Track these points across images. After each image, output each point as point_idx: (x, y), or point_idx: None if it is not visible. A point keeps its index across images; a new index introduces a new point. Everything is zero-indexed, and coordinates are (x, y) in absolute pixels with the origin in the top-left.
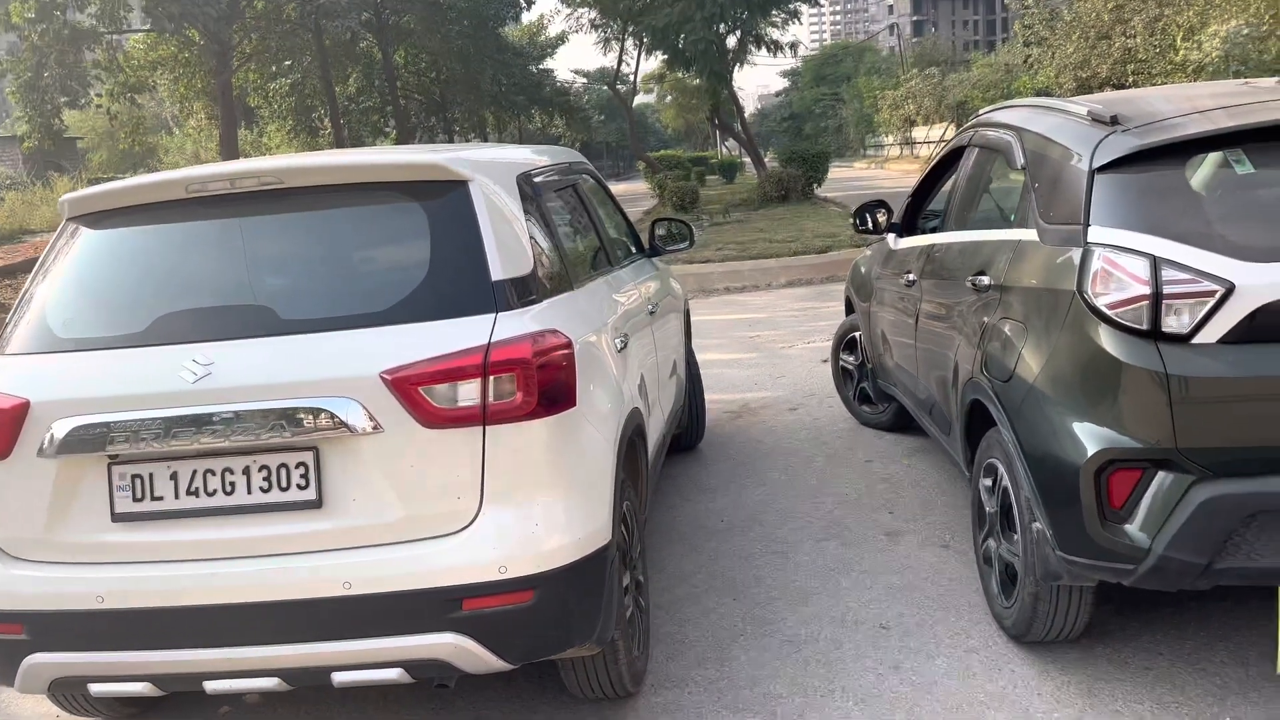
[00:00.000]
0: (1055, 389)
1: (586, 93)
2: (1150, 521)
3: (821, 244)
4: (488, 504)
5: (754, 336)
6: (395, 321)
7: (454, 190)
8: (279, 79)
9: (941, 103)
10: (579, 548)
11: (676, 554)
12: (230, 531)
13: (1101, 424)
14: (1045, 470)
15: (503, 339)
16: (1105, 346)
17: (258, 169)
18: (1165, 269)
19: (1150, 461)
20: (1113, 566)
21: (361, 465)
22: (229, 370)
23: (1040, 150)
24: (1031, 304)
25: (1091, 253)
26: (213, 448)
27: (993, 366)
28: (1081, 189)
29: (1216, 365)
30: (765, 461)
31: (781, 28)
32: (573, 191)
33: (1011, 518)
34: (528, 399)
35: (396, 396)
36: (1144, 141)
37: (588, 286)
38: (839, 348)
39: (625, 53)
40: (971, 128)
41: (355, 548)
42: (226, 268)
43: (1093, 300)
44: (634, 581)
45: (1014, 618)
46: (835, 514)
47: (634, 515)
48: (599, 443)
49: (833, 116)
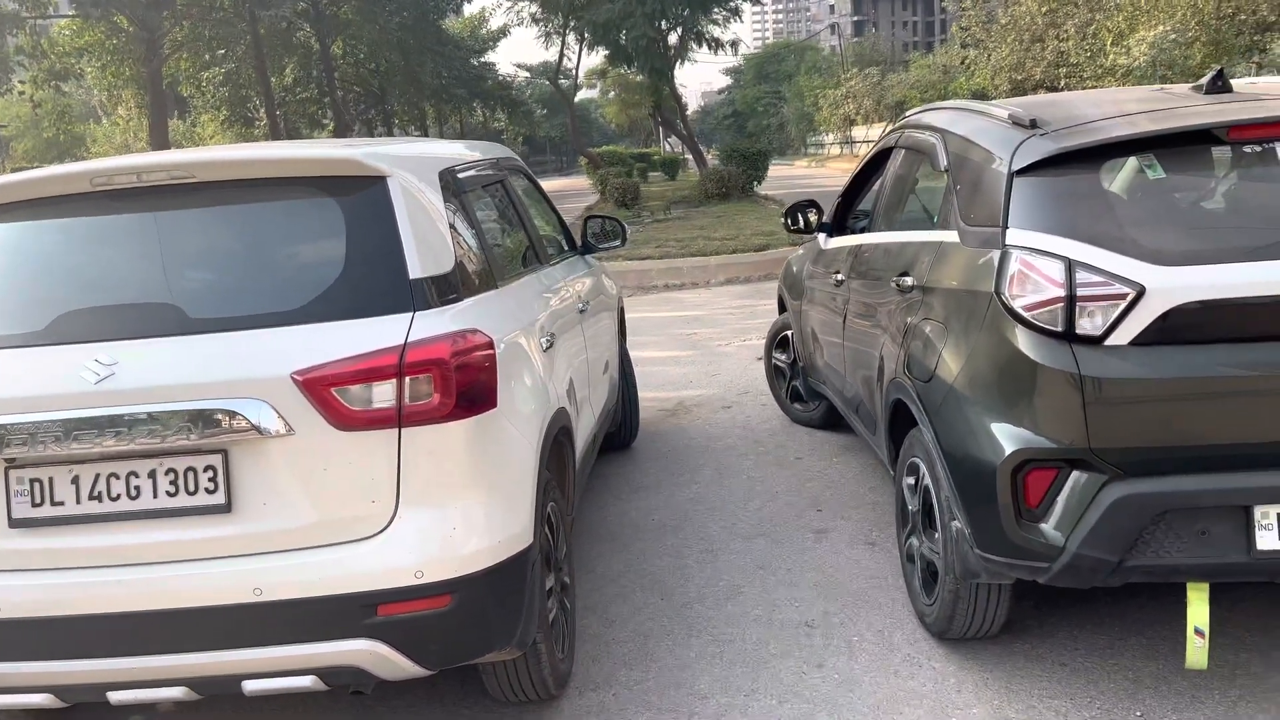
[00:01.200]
0: (973, 389)
1: (529, 87)
2: (1065, 520)
3: (760, 242)
4: (404, 507)
5: (691, 334)
6: (308, 320)
7: (371, 186)
8: (212, 68)
9: (880, 103)
10: (498, 551)
11: (605, 553)
12: (135, 537)
13: (1018, 424)
14: (964, 469)
15: (420, 339)
16: (1021, 347)
17: (167, 162)
18: (1079, 271)
19: (1065, 461)
20: (1029, 564)
21: (272, 468)
22: (133, 371)
23: (962, 153)
24: (952, 305)
25: (1009, 255)
26: (117, 451)
27: (914, 367)
28: (1001, 191)
29: (1128, 366)
30: (698, 459)
31: (723, 25)
32: (500, 188)
33: (933, 516)
34: (445, 400)
35: (308, 398)
36: (1060, 145)
37: (514, 285)
38: (772, 346)
39: (567, 47)
40: (899, 129)
41: (266, 553)
42: (133, 264)
43: (1009, 302)
44: (559, 583)
45: (935, 615)
46: (765, 511)
47: (559, 516)
48: (520, 444)
49: (774, 115)
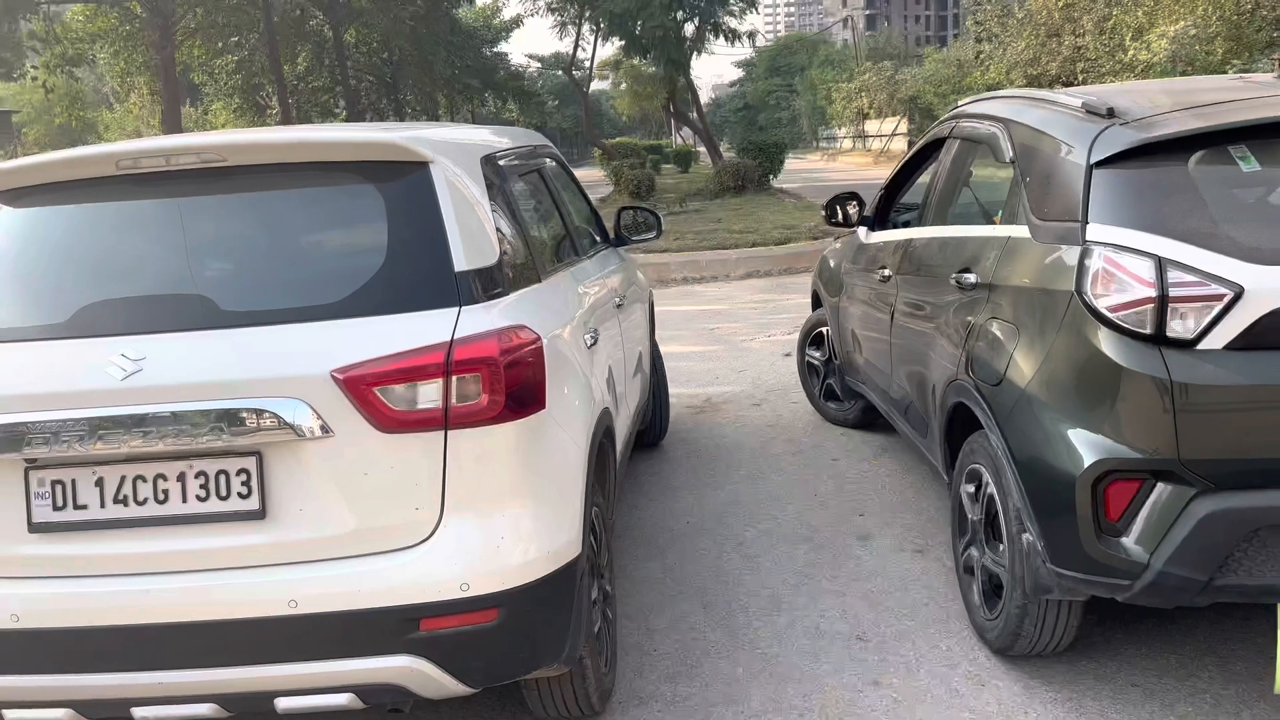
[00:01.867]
0: (1050, 394)
1: (541, 78)
2: (1148, 535)
3: (780, 236)
4: (449, 515)
5: (714, 329)
6: (348, 315)
7: (414, 173)
8: (225, 55)
9: (894, 97)
10: (548, 562)
11: (641, 558)
12: (163, 544)
13: (1099, 432)
14: (1038, 479)
15: (467, 335)
16: (1105, 350)
17: (198, 144)
18: (1171, 270)
19: (1150, 473)
20: (1108, 581)
21: (310, 472)
22: (162, 366)
23: (1031, 143)
24: (1024, 304)
25: (1091, 251)
26: (144, 452)
27: (980, 368)
28: (1079, 184)
29: (1223, 372)
30: (730, 459)
31: (739, 17)
32: (538, 176)
33: (997, 527)
34: (494, 401)
35: (349, 397)
36: (1145, 135)
37: (555, 278)
38: (805, 343)
39: (582, 38)
40: (952, 119)
41: (302, 562)
42: (161, 253)
43: (1092, 302)
44: (601, 592)
45: (998, 631)
46: (804, 516)
47: (602, 522)
48: (569, 447)
49: (786, 108)
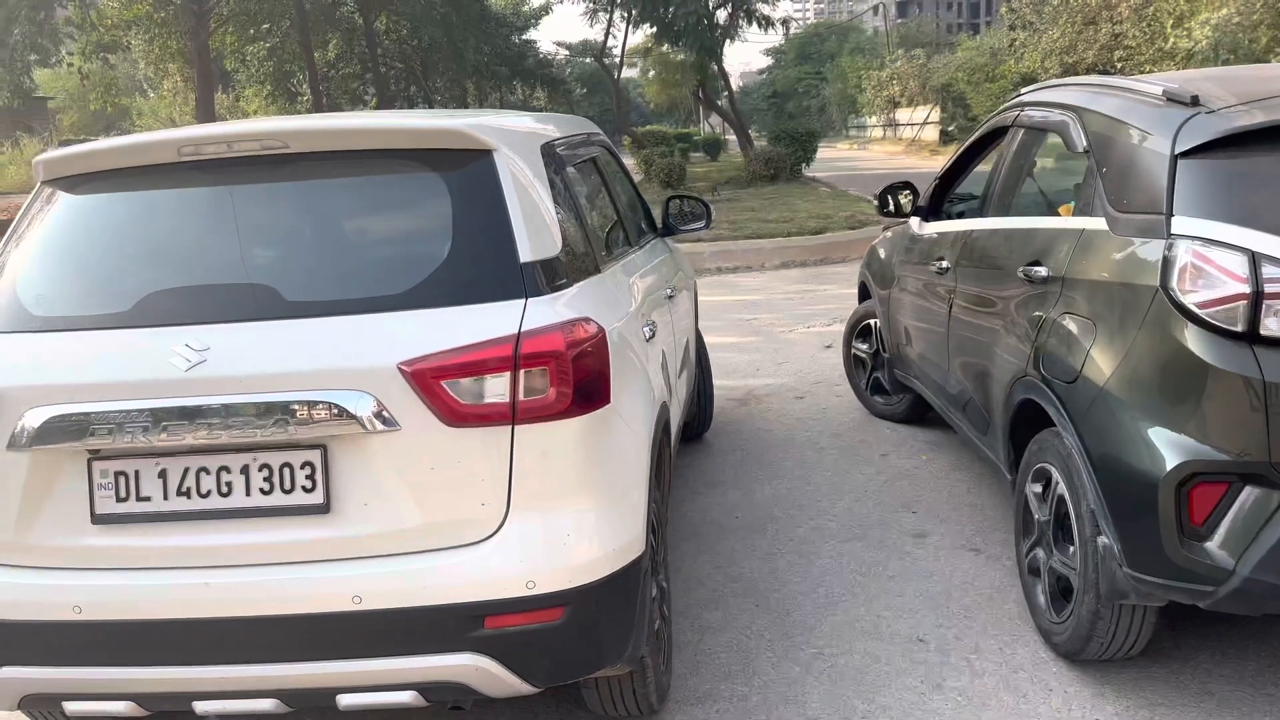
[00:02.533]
0: (1131, 393)
1: (569, 66)
2: (1235, 541)
3: (816, 225)
4: (515, 512)
5: (752, 320)
6: (413, 306)
7: (478, 161)
8: (257, 42)
9: (926, 85)
10: (613, 560)
11: (690, 553)
12: (226, 537)
13: (1184, 433)
14: (1117, 481)
15: (534, 328)
16: (1192, 348)
17: (259, 130)
18: (1266, 265)
19: (1238, 475)
20: (1190, 587)
21: (375, 466)
22: (226, 357)
23: (1107, 132)
24: (1101, 299)
25: (1178, 245)
26: (207, 444)
27: (1052, 365)
28: (1162, 175)
29: None
30: (776, 453)
31: (772, 3)
32: (591, 165)
33: (1067, 528)
34: (562, 395)
35: (416, 390)
36: (1234, 124)
37: (612, 269)
38: (851, 335)
39: (613, 25)
40: (1014, 107)
41: (366, 558)
42: (223, 242)
43: (1180, 298)
44: (659, 590)
45: (1067, 634)
46: (856, 512)
47: (660, 518)
48: (633, 443)
49: (816, 96)
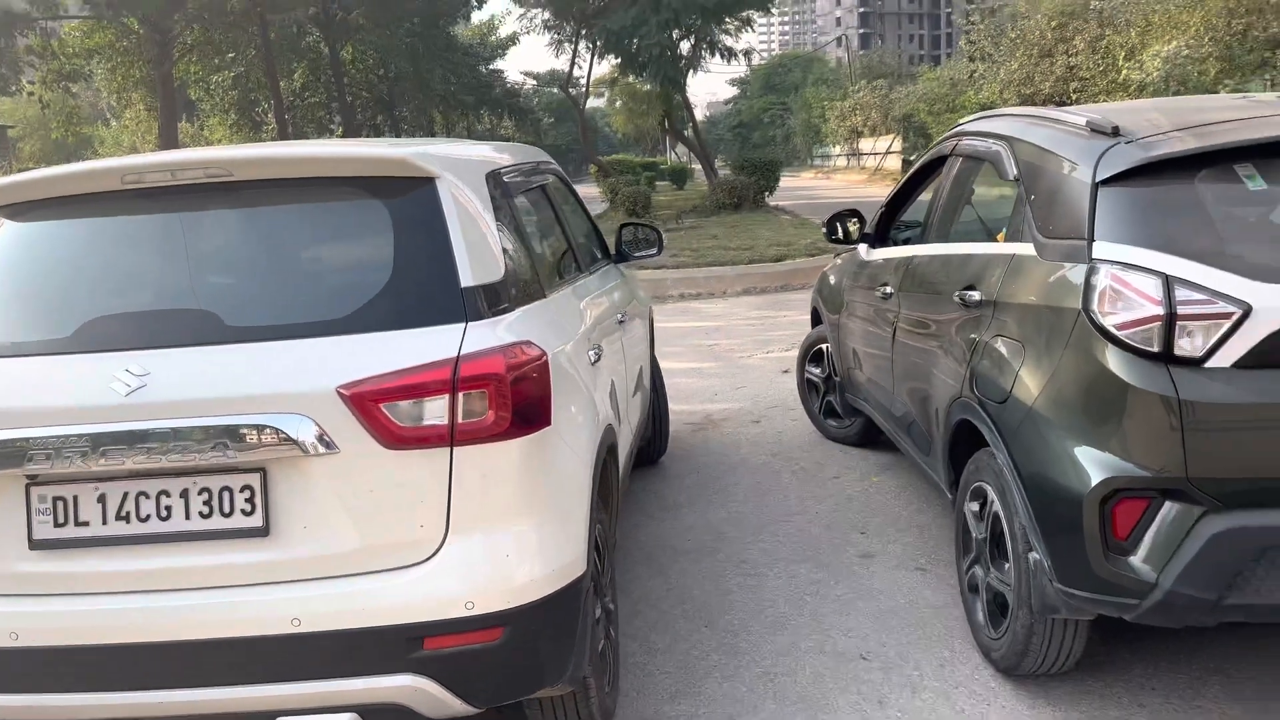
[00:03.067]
0: (1057, 412)
1: (536, 95)
2: (1156, 555)
3: (776, 253)
4: (454, 533)
5: (712, 345)
6: (354, 331)
7: (421, 188)
8: (222, 71)
9: (888, 115)
10: (553, 580)
11: (642, 576)
12: (165, 561)
13: (1107, 450)
14: (1045, 497)
15: (473, 351)
16: (1112, 368)
17: (203, 159)
18: (1179, 288)
19: (1158, 491)
20: (1115, 601)
21: (314, 489)
22: (167, 382)
23: (1035, 161)
24: (1030, 322)
25: (1098, 269)
26: (147, 468)
27: (985, 386)
28: (1084, 202)
29: (1231, 391)
30: (731, 477)
31: (735, 35)
32: (541, 192)
33: (1003, 545)
34: (501, 417)
35: (355, 413)
36: (1150, 154)
37: (559, 294)
38: (805, 360)
39: (578, 55)
40: (954, 137)
41: (305, 580)
42: (166, 268)
43: (1099, 319)
44: (604, 611)
45: (1004, 650)
46: (806, 533)
47: (605, 540)
48: (574, 464)
49: (781, 126)
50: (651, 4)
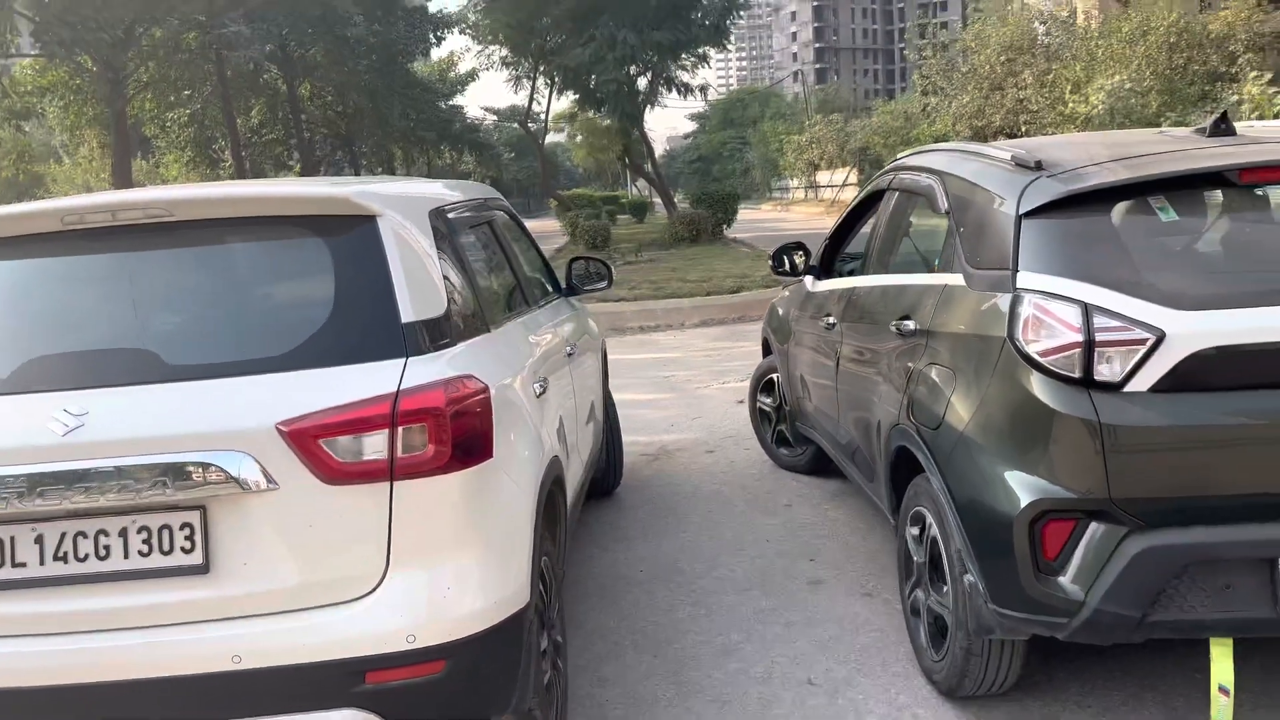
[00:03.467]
0: (986, 437)
1: (497, 130)
2: (1084, 574)
3: (733, 284)
4: (395, 567)
5: (668, 377)
6: (293, 367)
7: (361, 226)
8: (178, 109)
9: (844, 148)
10: (495, 612)
11: (594, 608)
12: (105, 601)
13: (1034, 473)
14: (977, 520)
15: (413, 386)
16: (1037, 394)
17: (143, 200)
18: (1096, 316)
19: (1084, 512)
20: (1047, 620)
21: (254, 526)
22: (105, 421)
23: (964, 194)
24: (960, 350)
25: (1021, 298)
26: (85, 508)
27: (920, 413)
28: (1009, 234)
29: (1148, 414)
30: (685, 506)
31: (691, 71)
32: (488, 228)
33: (941, 569)
34: (440, 451)
35: (294, 450)
36: (1070, 187)
37: (505, 328)
38: (756, 389)
39: (537, 91)
40: (891, 171)
41: (246, 617)
42: (106, 308)
43: (1024, 347)
44: (552, 643)
45: (945, 672)
46: (758, 562)
47: (552, 572)
48: (517, 496)
49: (739, 159)
50: (608, 41)
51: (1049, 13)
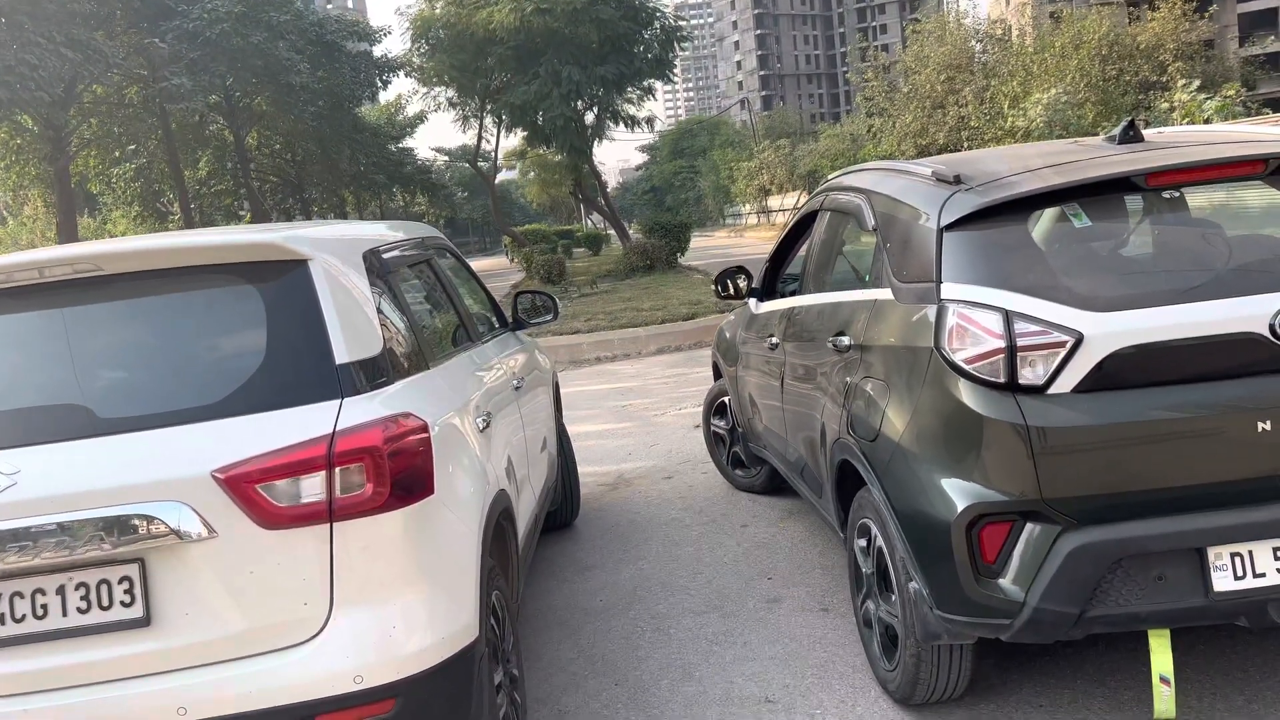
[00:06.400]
0: (921, 445)
1: (449, 170)
2: (1022, 574)
3: (688, 311)
4: (339, 608)
5: (626, 405)
6: (228, 414)
7: (292, 270)
8: (123, 164)
9: (794, 172)
10: (443, 648)
11: (554, 640)
12: (44, 661)
13: (969, 478)
14: (917, 528)
15: (349, 426)
16: (965, 401)
17: (71, 255)
18: (1017, 321)
19: (1018, 513)
20: (990, 622)
21: (194, 575)
22: (37, 478)
23: (889, 211)
24: (892, 362)
25: (946, 309)
26: (20, 567)
27: (858, 426)
28: (931, 247)
29: (1072, 414)
30: (643, 534)
31: (637, 104)
32: (427, 267)
33: (888, 578)
34: (379, 490)
35: (231, 496)
36: (987, 199)
37: (446, 365)
38: (709, 413)
39: (485, 130)
40: (823, 192)
41: (191, 668)
42: (36, 365)
43: (950, 355)
44: (508, 676)
45: (898, 681)
46: (715, 584)
47: (504, 605)
48: (461, 532)
49: (691, 188)
50: (552, 77)
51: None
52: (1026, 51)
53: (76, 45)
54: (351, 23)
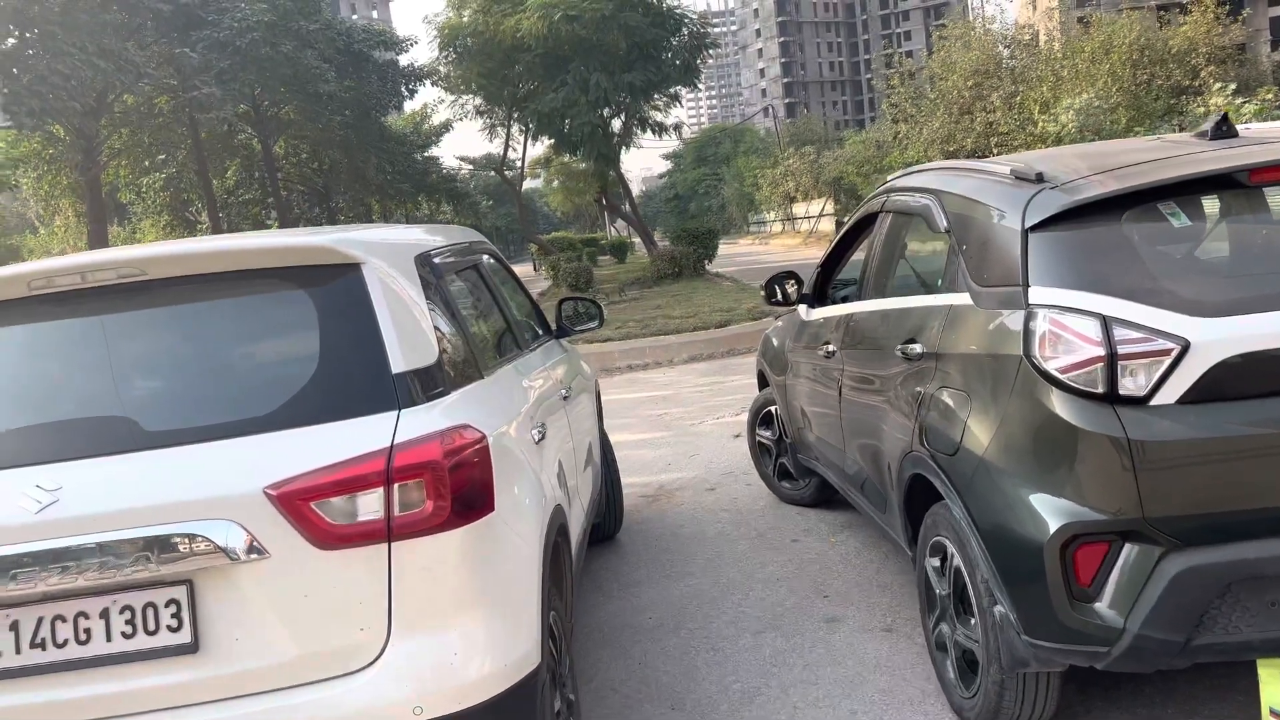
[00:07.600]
0: (1008, 460)
1: (473, 179)
2: (1121, 599)
3: (719, 318)
4: (397, 634)
5: (662, 414)
6: (281, 427)
7: (345, 275)
8: (152, 173)
9: (819, 179)
10: (506, 676)
11: (604, 660)
12: (87, 689)
13: (1062, 496)
14: (1004, 548)
15: (408, 439)
16: (1059, 412)
17: (115, 259)
18: (1117, 328)
19: (1117, 534)
20: (1084, 650)
21: (245, 598)
22: (80, 496)
23: (964, 211)
24: (973, 371)
25: (1036, 314)
26: (62, 589)
27: (935, 439)
28: (1015, 249)
29: (1178, 427)
30: (689, 548)
31: (664, 111)
32: (475, 272)
33: (967, 600)
34: (440, 507)
35: (284, 515)
36: (1076, 198)
37: (498, 374)
38: (755, 423)
39: (511, 138)
40: (883, 193)
41: (240, 696)
42: (79, 375)
43: (1042, 364)
44: (565, 703)
45: (977, 709)
46: (768, 601)
47: (561, 627)
48: (522, 550)
49: (715, 195)
50: (580, 84)
51: (1012, 36)
52: (1055, 57)
53: (108, 55)
54: (379, 32)
